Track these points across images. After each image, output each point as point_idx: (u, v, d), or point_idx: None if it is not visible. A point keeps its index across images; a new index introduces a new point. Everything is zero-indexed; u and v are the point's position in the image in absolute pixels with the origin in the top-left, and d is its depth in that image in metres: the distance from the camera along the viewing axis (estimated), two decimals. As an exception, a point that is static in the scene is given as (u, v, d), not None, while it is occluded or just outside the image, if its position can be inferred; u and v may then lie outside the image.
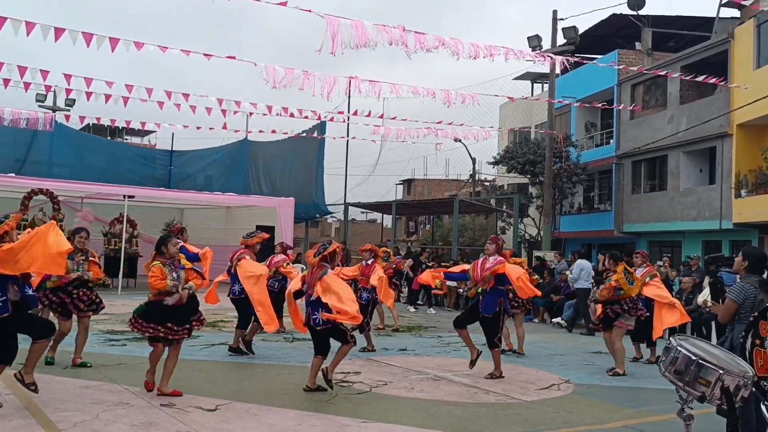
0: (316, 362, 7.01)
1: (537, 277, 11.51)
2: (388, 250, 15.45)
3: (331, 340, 7.09)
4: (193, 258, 8.28)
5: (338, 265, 8.94)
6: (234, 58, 11.19)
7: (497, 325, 8.24)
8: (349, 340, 7.00)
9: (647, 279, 9.73)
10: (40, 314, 7.57)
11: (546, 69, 21.27)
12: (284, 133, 21.12)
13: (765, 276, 5.21)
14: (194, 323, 6.66)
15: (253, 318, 9.12)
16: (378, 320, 12.57)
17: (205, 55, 11.05)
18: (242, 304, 9.04)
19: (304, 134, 23.36)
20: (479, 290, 8.25)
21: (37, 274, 6.63)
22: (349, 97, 22.75)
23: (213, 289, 9.16)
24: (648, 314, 9.46)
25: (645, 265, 10.06)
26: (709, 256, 16.17)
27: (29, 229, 6.11)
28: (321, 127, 23.04)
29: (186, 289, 6.45)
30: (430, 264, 17.72)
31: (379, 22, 9.56)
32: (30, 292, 5.93)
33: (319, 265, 6.95)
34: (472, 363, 8.23)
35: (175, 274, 6.41)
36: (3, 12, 9.51)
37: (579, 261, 14.27)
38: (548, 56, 13.63)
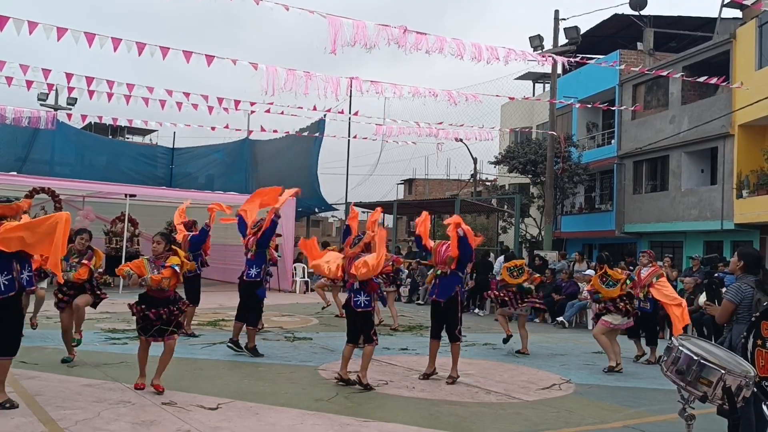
0: (347, 351, 7.27)
1: (538, 275, 11.47)
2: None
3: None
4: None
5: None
6: (236, 61, 11.16)
7: (456, 315, 7.86)
8: (373, 338, 7.20)
9: (653, 279, 9.71)
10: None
11: (548, 69, 21.27)
12: (286, 132, 21.14)
13: (761, 276, 5.21)
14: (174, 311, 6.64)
15: (245, 324, 9.09)
16: (391, 320, 12.69)
17: (207, 56, 11.05)
18: (252, 288, 9.07)
19: (306, 133, 23.34)
20: (438, 273, 7.94)
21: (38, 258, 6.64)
22: (351, 96, 22.78)
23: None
24: (649, 312, 9.52)
25: (651, 264, 10.04)
26: (704, 257, 16.20)
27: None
28: (320, 124, 22.96)
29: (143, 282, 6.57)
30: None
31: (382, 22, 9.60)
32: (26, 274, 5.86)
33: (357, 255, 7.33)
34: (425, 376, 7.91)
35: (155, 271, 6.57)
36: (12, 11, 9.56)
37: (501, 257, 15.02)
38: (550, 57, 13.62)
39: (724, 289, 5.81)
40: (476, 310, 16.92)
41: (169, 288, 6.57)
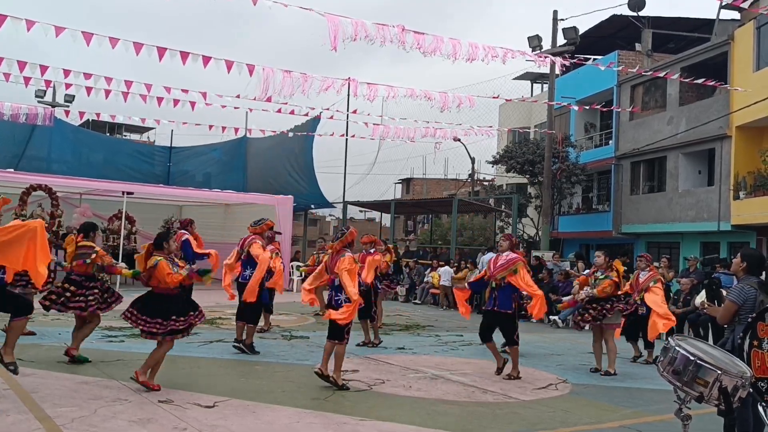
0: (328, 346, 7.26)
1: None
2: (389, 246, 15.05)
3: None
4: (200, 257, 8.66)
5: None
6: (231, 65, 11.11)
7: (515, 322, 8.36)
8: (345, 336, 7.17)
9: (650, 284, 9.72)
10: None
11: (546, 69, 21.26)
12: (283, 131, 21.09)
13: (763, 277, 5.22)
14: (193, 318, 6.72)
15: (245, 322, 9.11)
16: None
17: (204, 57, 11.01)
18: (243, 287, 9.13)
19: (305, 133, 23.31)
20: (493, 285, 8.36)
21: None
22: (348, 95, 22.71)
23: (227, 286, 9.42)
24: (643, 312, 9.54)
25: (648, 268, 10.05)
26: (704, 258, 16.16)
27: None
28: (314, 122, 22.85)
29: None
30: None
31: (381, 22, 9.58)
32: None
33: (339, 250, 7.29)
34: (499, 371, 8.33)
35: (175, 269, 6.65)
36: (12, 10, 9.52)
37: (489, 254, 15.23)
38: (548, 57, 13.61)
39: (723, 290, 5.81)
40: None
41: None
